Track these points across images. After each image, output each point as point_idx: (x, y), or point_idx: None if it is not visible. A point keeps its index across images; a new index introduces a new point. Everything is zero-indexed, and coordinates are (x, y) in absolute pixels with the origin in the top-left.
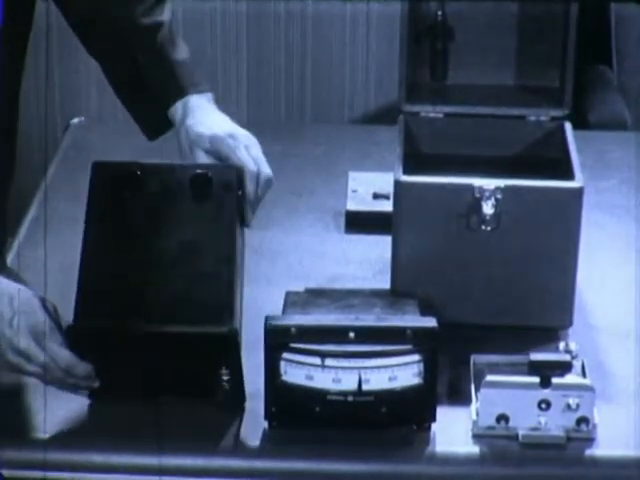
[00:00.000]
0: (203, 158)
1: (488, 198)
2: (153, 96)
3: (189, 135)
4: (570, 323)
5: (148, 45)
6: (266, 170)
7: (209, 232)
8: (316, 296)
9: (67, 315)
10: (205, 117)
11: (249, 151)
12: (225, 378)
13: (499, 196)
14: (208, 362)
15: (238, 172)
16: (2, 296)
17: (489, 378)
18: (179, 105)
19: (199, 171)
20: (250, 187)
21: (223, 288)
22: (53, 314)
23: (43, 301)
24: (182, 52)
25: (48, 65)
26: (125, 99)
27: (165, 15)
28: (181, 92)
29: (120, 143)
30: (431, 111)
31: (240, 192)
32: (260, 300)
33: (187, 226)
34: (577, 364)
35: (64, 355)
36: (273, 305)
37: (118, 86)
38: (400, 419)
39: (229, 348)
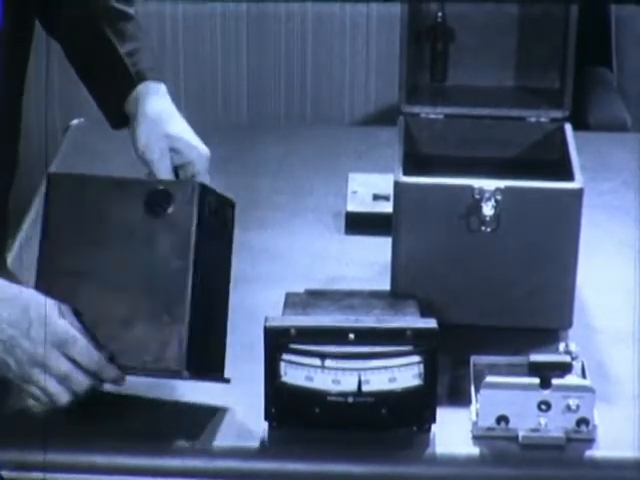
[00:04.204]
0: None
1: (488, 199)
2: (117, 79)
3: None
4: (570, 324)
5: (116, 29)
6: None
7: (172, 252)
8: (316, 297)
9: None
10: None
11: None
12: None
13: (499, 197)
14: None
15: (198, 187)
16: (14, 306)
17: (489, 379)
18: (132, 97)
19: (159, 187)
20: None
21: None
22: (70, 318)
23: (59, 308)
24: (142, 52)
25: (48, 66)
26: (89, 81)
27: (133, 10)
28: (133, 82)
29: (120, 144)
30: (431, 112)
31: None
32: (260, 301)
33: (147, 245)
34: (577, 365)
35: (96, 355)
36: (273, 306)
37: (84, 68)
38: (400, 420)
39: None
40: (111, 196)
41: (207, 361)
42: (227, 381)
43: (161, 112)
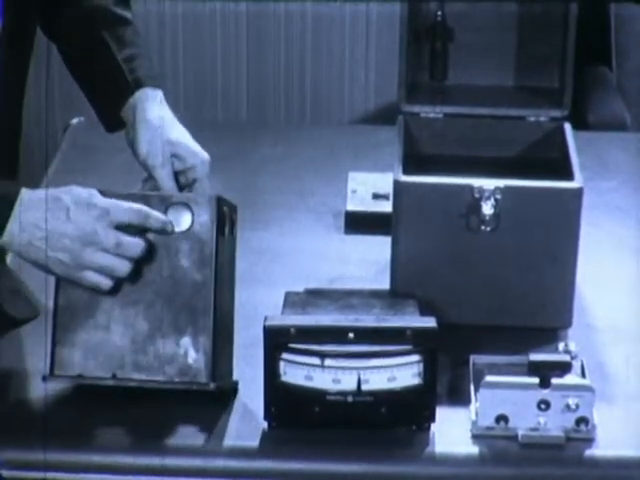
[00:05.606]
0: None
1: (488, 198)
2: (115, 83)
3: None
4: (570, 323)
5: (115, 33)
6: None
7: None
8: (316, 297)
9: None
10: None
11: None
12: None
13: (499, 196)
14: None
15: (215, 199)
16: (41, 204)
17: (488, 378)
18: (130, 104)
19: (178, 201)
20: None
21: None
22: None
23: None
24: (142, 58)
25: (48, 65)
26: (86, 85)
27: (131, 14)
28: (130, 89)
29: (119, 143)
30: (430, 111)
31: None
32: (260, 300)
33: (168, 259)
34: (576, 364)
35: (137, 208)
36: (273, 305)
37: (81, 72)
38: (399, 419)
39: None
40: None
41: (221, 368)
42: (236, 390)
43: (162, 119)
